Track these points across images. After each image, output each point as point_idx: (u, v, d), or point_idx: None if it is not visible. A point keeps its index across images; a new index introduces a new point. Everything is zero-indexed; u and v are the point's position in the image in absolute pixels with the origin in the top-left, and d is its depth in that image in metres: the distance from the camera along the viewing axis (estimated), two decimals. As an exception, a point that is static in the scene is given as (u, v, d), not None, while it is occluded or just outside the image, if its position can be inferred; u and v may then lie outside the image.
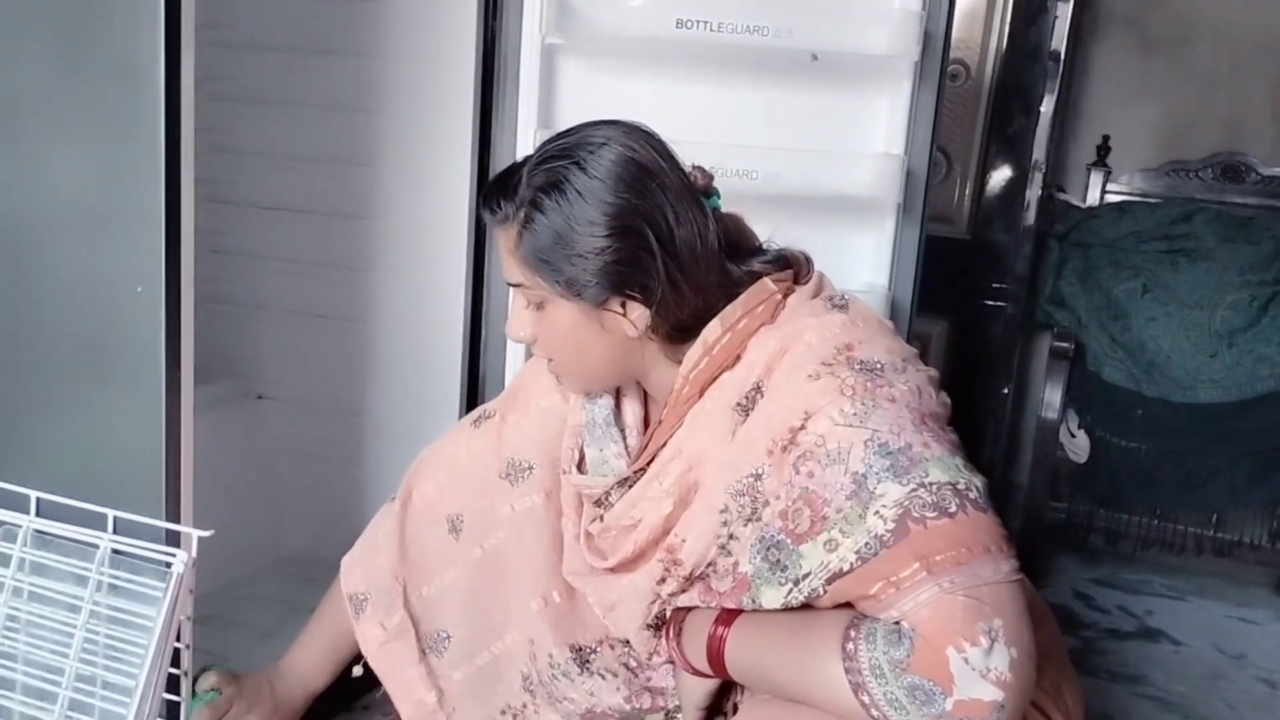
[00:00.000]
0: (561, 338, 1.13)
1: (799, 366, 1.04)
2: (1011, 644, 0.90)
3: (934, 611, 0.91)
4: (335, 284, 1.93)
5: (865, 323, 1.10)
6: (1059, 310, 2.74)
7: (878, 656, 0.92)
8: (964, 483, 0.97)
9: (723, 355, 1.09)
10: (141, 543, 1.23)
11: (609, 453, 1.22)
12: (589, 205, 1.04)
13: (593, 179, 1.05)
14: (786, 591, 1.01)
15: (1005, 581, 0.93)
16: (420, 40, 1.78)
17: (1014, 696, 0.89)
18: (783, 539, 1.01)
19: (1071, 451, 2.65)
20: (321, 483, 1.99)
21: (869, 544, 0.95)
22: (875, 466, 0.97)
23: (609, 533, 1.18)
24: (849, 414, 0.99)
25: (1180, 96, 2.89)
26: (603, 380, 1.19)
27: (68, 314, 1.26)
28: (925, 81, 1.66)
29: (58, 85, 1.22)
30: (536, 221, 1.06)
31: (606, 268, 1.06)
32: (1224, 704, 2.13)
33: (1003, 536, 0.97)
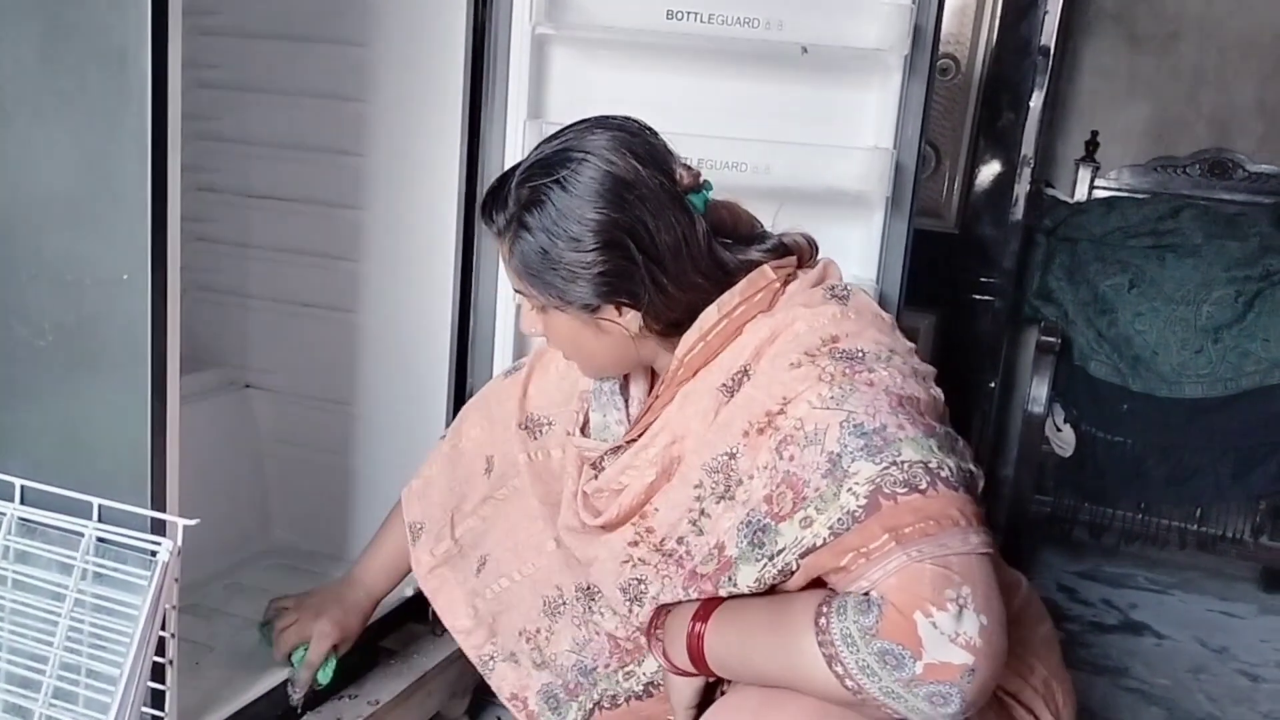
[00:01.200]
0: (564, 339, 1.20)
1: (783, 354, 1.07)
2: (981, 611, 0.91)
3: (901, 579, 0.93)
4: (323, 273, 1.92)
5: (858, 315, 1.11)
6: (1046, 305, 2.75)
7: (848, 625, 0.94)
8: (936, 462, 0.98)
9: (718, 340, 1.13)
10: (127, 531, 1.22)
11: (610, 419, 1.28)
12: (570, 222, 1.09)
13: (573, 196, 1.09)
14: (760, 567, 1.04)
15: (974, 553, 0.95)
16: (410, 29, 1.77)
17: (985, 661, 0.90)
18: (768, 522, 1.03)
19: (1057, 445, 2.67)
20: (308, 472, 1.99)
21: (841, 519, 0.97)
22: (850, 446, 0.99)
23: (601, 494, 1.23)
24: (826, 397, 1.02)
25: (1168, 93, 2.90)
26: (612, 369, 1.25)
27: (52, 301, 1.25)
28: (915, 75, 1.66)
29: (42, 71, 1.21)
30: (523, 239, 1.12)
31: (593, 280, 1.11)
32: (1206, 697, 2.15)
33: (974, 513, 0.98)
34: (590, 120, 1.16)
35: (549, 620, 1.35)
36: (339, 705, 1.56)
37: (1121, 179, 2.92)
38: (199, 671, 1.50)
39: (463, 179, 1.78)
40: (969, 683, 0.90)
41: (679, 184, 1.12)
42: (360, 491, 1.97)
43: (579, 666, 1.32)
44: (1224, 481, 2.57)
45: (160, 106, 1.16)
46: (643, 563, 1.16)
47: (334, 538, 1.98)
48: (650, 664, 1.25)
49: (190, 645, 1.49)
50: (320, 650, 1.46)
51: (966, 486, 1.00)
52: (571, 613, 1.34)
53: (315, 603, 1.51)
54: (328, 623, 1.47)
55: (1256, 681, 2.24)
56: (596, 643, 1.31)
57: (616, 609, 1.23)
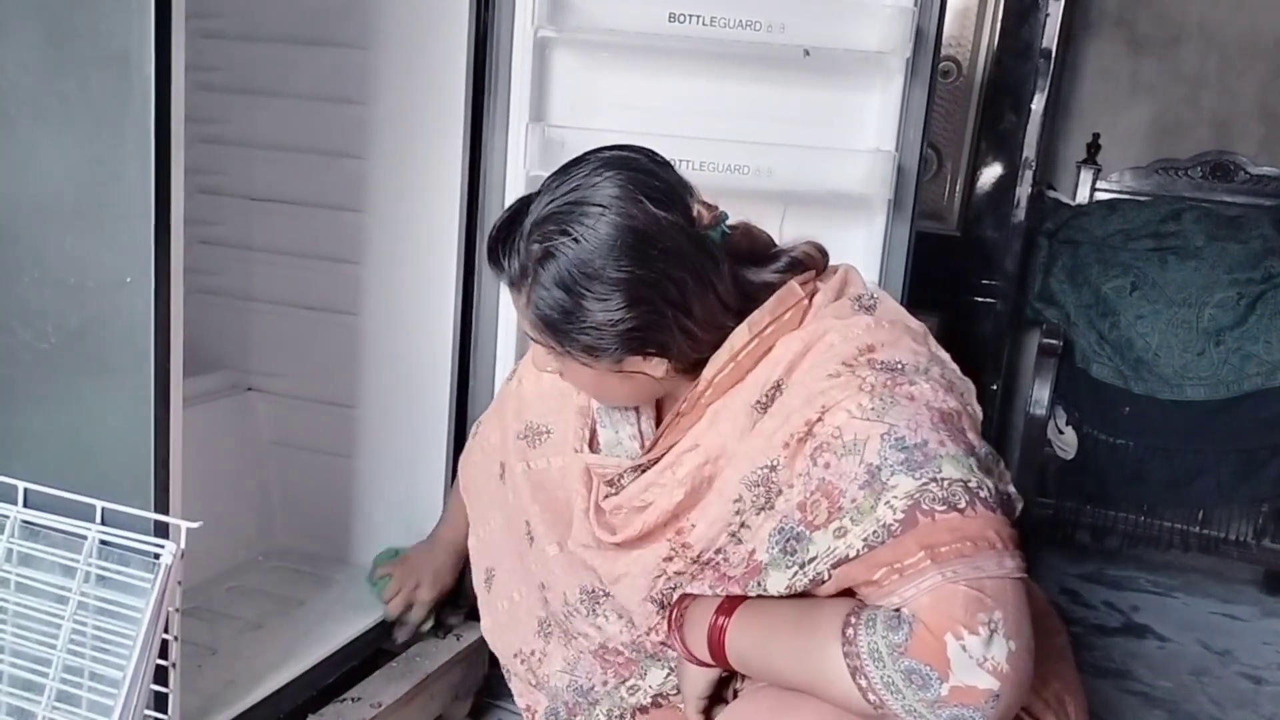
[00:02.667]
0: (584, 384, 1.17)
1: (820, 365, 1.06)
2: (1011, 637, 0.91)
3: (935, 599, 0.92)
4: (326, 276, 1.92)
5: (891, 324, 1.11)
6: (1048, 307, 2.75)
7: (876, 641, 0.93)
8: (976, 481, 0.98)
9: (749, 361, 1.10)
10: (130, 534, 1.22)
11: (624, 434, 1.24)
12: (592, 280, 1.04)
13: (593, 253, 1.03)
14: (792, 574, 1.03)
15: (1009, 577, 0.94)
16: (412, 32, 1.77)
17: (1010, 688, 0.90)
18: (801, 530, 1.02)
19: (1059, 448, 2.67)
20: (311, 475, 1.99)
21: (876, 532, 0.97)
22: (890, 459, 0.98)
23: (620, 511, 1.20)
24: (866, 408, 1.01)
25: (1170, 95, 2.90)
26: (633, 404, 1.22)
27: (56, 304, 1.26)
28: (917, 78, 1.66)
29: (46, 74, 1.21)
30: (541, 296, 1.07)
31: (621, 336, 1.07)
32: (1208, 699, 2.14)
33: (1010, 536, 0.98)
34: (599, 159, 1.09)
35: (543, 642, 1.35)
36: (342, 707, 1.56)
37: (1123, 181, 2.92)
38: (202, 674, 1.50)
39: (465, 182, 1.78)
40: (992, 708, 0.90)
41: (698, 223, 1.08)
42: (363, 494, 1.97)
43: (574, 687, 1.31)
44: (1226, 484, 2.57)
45: (163, 109, 1.16)
46: (678, 574, 1.14)
47: (337, 540, 1.98)
48: (655, 676, 1.25)
49: (193, 648, 1.49)
50: (421, 615, 1.66)
51: (1004, 508, 1.00)
52: (561, 629, 1.33)
53: (413, 569, 1.66)
54: (427, 589, 1.64)
55: (1259, 684, 2.24)
56: (585, 661, 1.31)
57: (640, 620, 1.21)
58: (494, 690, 1.85)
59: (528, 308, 1.10)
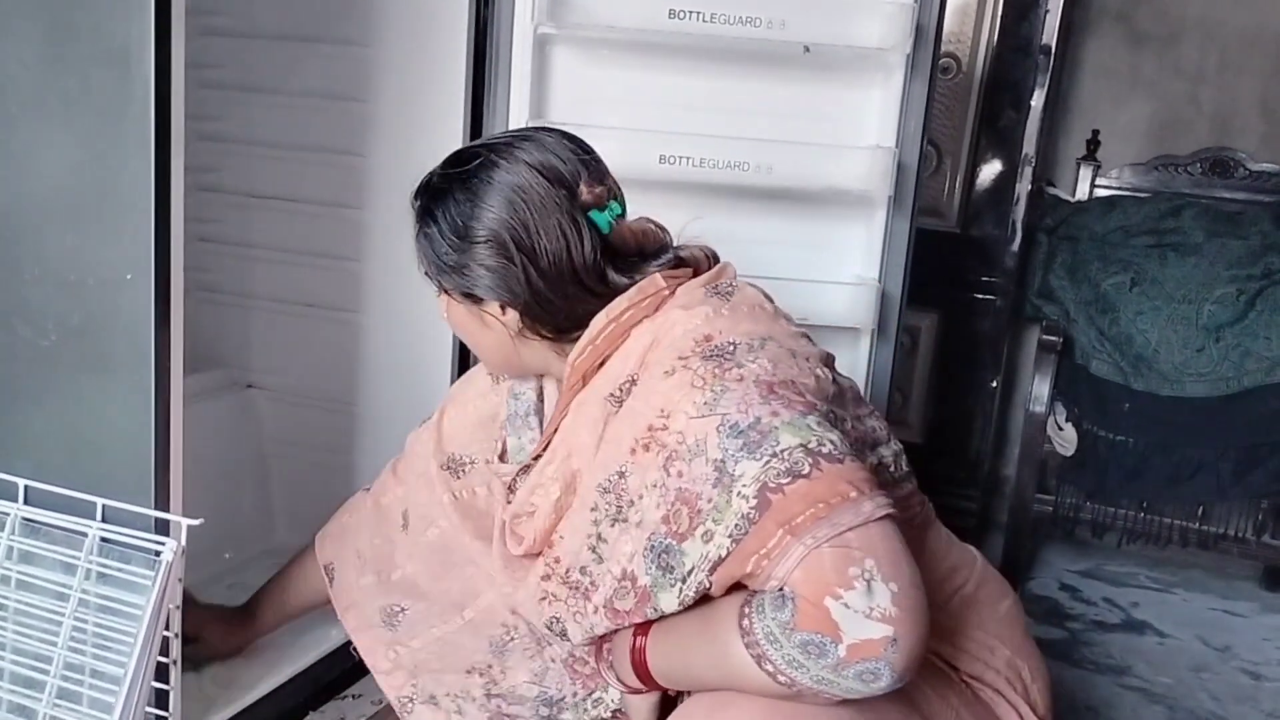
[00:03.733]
0: (459, 326, 1.24)
1: (660, 362, 1.08)
2: (889, 579, 0.91)
3: (805, 569, 0.93)
4: (326, 274, 1.93)
5: (733, 310, 1.12)
6: (1048, 304, 2.75)
7: (768, 623, 0.94)
8: (815, 440, 0.99)
9: (605, 344, 1.14)
10: (131, 531, 1.22)
11: (524, 439, 1.29)
12: (461, 222, 1.15)
13: (470, 194, 1.15)
14: (678, 592, 1.03)
15: (870, 521, 0.95)
16: (412, 29, 1.77)
17: (905, 629, 0.90)
18: (670, 543, 1.03)
19: (1059, 444, 2.67)
20: (311, 472, 1.99)
21: (738, 524, 0.97)
22: (730, 449, 0.99)
23: (520, 519, 1.21)
24: (700, 404, 1.02)
25: (1169, 91, 2.90)
26: (502, 367, 1.28)
27: (56, 302, 1.26)
28: (917, 74, 1.67)
29: (46, 72, 1.21)
30: (423, 227, 1.19)
31: (475, 273, 1.15)
32: (1208, 695, 2.14)
33: (862, 479, 0.98)
34: (530, 128, 1.23)
35: (498, 658, 1.35)
36: (342, 705, 1.56)
37: (1123, 178, 2.92)
38: (202, 671, 1.50)
39: (465, 179, 1.78)
40: (895, 653, 0.90)
41: (578, 199, 1.14)
42: (363, 491, 1.97)
43: (542, 698, 1.32)
44: (1226, 480, 2.57)
45: (163, 107, 1.17)
46: (555, 598, 1.16)
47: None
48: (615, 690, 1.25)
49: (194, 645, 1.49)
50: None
51: (855, 455, 1.00)
52: (523, 645, 1.33)
53: (206, 618, 1.51)
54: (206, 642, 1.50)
55: (1259, 680, 2.24)
56: (554, 670, 1.32)
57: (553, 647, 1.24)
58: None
59: (416, 240, 1.21)
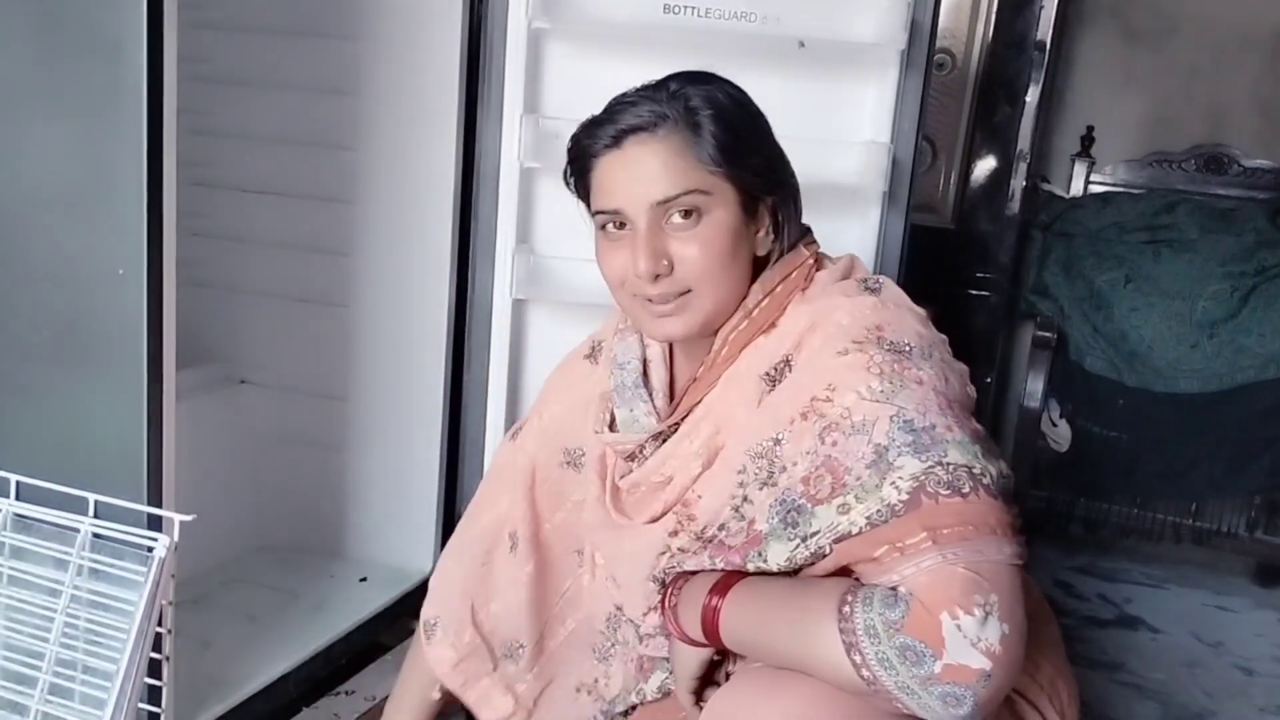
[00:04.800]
0: (720, 248, 1.10)
1: (829, 343, 1.07)
2: (1005, 620, 0.92)
3: (933, 579, 0.93)
4: (319, 268, 1.92)
5: (896, 306, 1.12)
6: (1042, 300, 2.75)
7: (873, 617, 0.94)
8: (980, 468, 0.99)
9: (762, 318, 1.13)
10: (123, 527, 1.22)
11: (639, 412, 1.23)
12: (747, 100, 1.14)
13: (744, 98, 1.15)
14: (793, 547, 1.04)
15: (1006, 562, 0.96)
16: (405, 23, 1.77)
17: (1001, 670, 0.91)
18: (803, 503, 1.03)
19: (1053, 440, 2.67)
20: (304, 468, 1.99)
21: (880, 511, 0.98)
22: (898, 440, 0.99)
23: (638, 489, 1.20)
24: (876, 390, 1.02)
25: (1164, 88, 2.90)
26: (727, 307, 1.15)
27: (48, 297, 1.25)
28: (912, 70, 1.66)
29: (38, 65, 1.21)
30: (722, 108, 1.11)
31: (771, 156, 1.16)
32: (1201, 691, 2.15)
33: (1009, 524, 0.99)
34: None
35: (604, 665, 1.34)
36: (335, 701, 1.56)
37: (1117, 174, 2.92)
38: (195, 667, 1.50)
39: (459, 174, 1.77)
40: (984, 687, 0.91)
41: None
42: (356, 486, 1.97)
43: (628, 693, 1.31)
44: (1219, 476, 2.58)
45: (156, 101, 1.16)
46: (682, 551, 1.15)
47: (329, 532, 1.98)
48: (655, 679, 1.25)
49: (186, 641, 1.49)
50: None
51: (1004, 495, 1.01)
52: (620, 650, 1.31)
53: None
54: None
55: (1251, 675, 2.24)
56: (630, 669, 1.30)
57: (641, 600, 1.20)
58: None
59: (698, 137, 1.09)
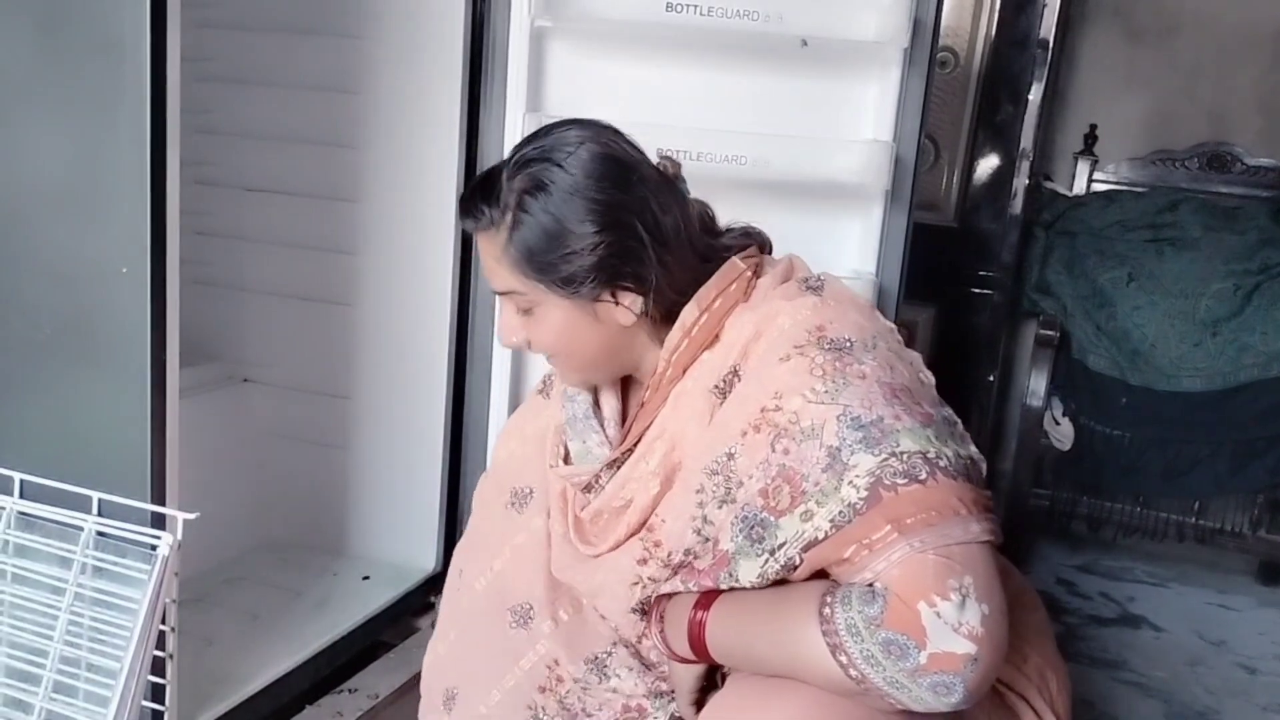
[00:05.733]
0: (555, 336, 1.14)
1: (772, 350, 1.07)
2: (983, 600, 0.92)
3: (905, 570, 0.93)
4: (322, 267, 1.92)
5: (837, 302, 1.12)
6: (1045, 298, 2.75)
7: (853, 616, 0.94)
8: (934, 451, 0.99)
9: (702, 335, 1.12)
10: (126, 525, 1.22)
11: (591, 443, 1.24)
12: (576, 202, 1.07)
13: (573, 176, 1.07)
14: (763, 562, 1.03)
15: (976, 541, 0.95)
16: (408, 22, 1.77)
17: (987, 650, 0.91)
18: (765, 516, 1.03)
19: (1056, 439, 2.67)
20: (307, 466, 1.99)
21: (842, 512, 0.98)
22: (848, 439, 0.99)
23: (600, 517, 1.19)
24: (820, 392, 1.02)
25: (1167, 86, 2.90)
26: (601, 371, 1.21)
27: (52, 295, 1.25)
28: (914, 68, 1.66)
29: (42, 64, 1.21)
30: (524, 223, 1.08)
31: (600, 262, 1.08)
32: (1204, 689, 2.15)
33: (974, 500, 0.98)
34: (563, 121, 1.14)
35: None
36: (339, 699, 1.56)
37: (1120, 172, 2.92)
38: (198, 665, 1.50)
39: (461, 172, 1.78)
40: (972, 671, 0.91)
41: (665, 172, 1.14)
42: (359, 484, 1.97)
43: None
44: (1222, 475, 2.58)
45: (159, 99, 1.16)
46: (653, 581, 1.14)
47: (332, 530, 1.98)
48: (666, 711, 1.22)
49: (189, 639, 1.49)
50: None
51: (967, 474, 1.01)
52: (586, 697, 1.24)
53: None
54: None
55: (1254, 674, 2.24)
56: None
57: (628, 633, 1.19)
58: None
59: (508, 247, 1.09)
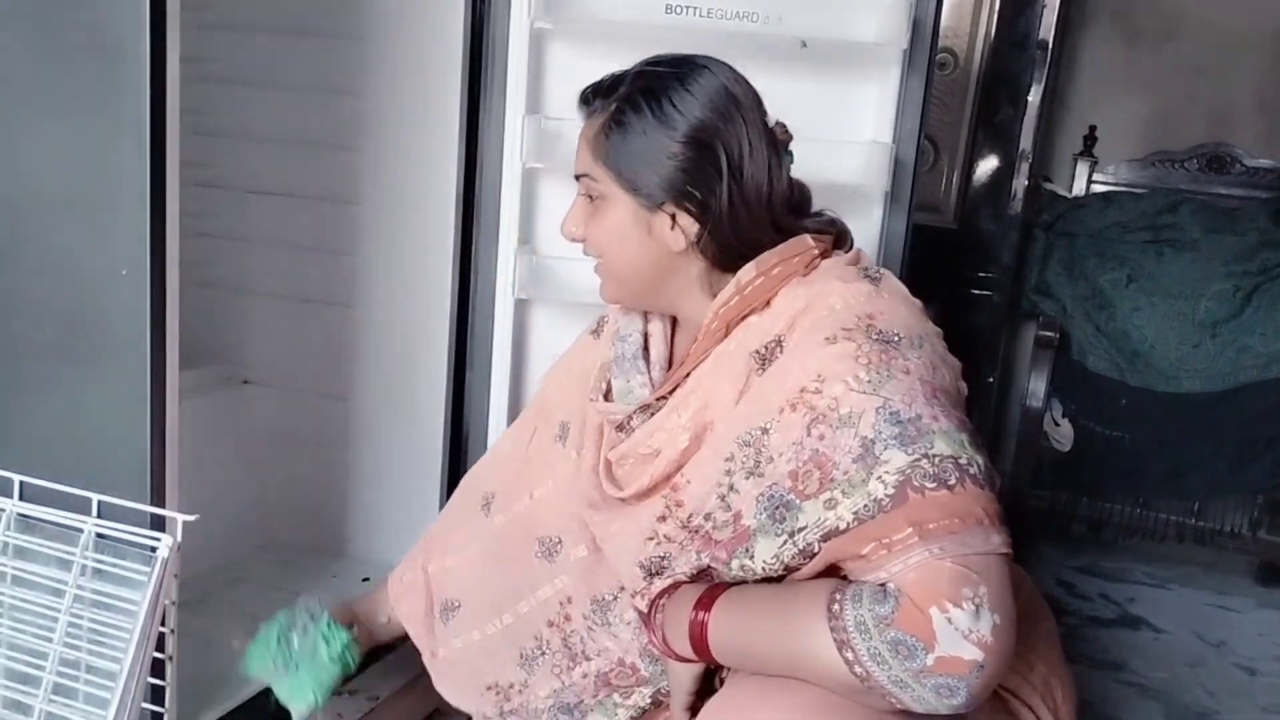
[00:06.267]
0: (608, 236, 1.17)
1: (819, 328, 1.07)
2: (995, 610, 0.92)
3: (921, 574, 0.94)
4: (322, 268, 1.92)
5: (891, 295, 1.12)
6: (1044, 300, 2.75)
7: (863, 613, 0.94)
8: (966, 458, 0.99)
9: (754, 296, 1.13)
10: (126, 527, 1.22)
11: (634, 383, 1.25)
12: (677, 114, 1.11)
13: (688, 93, 1.12)
14: (781, 543, 1.04)
15: (994, 553, 0.96)
16: (408, 23, 1.77)
17: (994, 659, 0.92)
18: (791, 498, 1.03)
19: (1055, 440, 2.67)
20: (307, 467, 1.99)
21: (867, 506, 0.98)
22: (884, 433, 0.99)
23: (627, 460, 1.21)
24: (863, 380, 1.01)
25: (1166, 88, 2.90)
26: (639, 290, 1.21)
27: (51, 297, 1.25)
28: (914, 70, 1.66)
29: (40, 65, 1.21)
30: (625, 115, 1.13)
31: (673, 173, 1.11)
32: (1204, 691, 2.15)
33: (996, 513, 0.99)
34: (699, 55, 1.18)
35: (525, 673, 1.34)
36: (338, 701, 1.56)
37: (1119, 174, 2.92)
38: (198, 667, 1.50)
39: (461, 174, 1.77)
40: (977, 678, 0.91)
41: (774, 131, 1.16)
42: (359, 485, 1.97)
43: (559, 705, 1.31)
44: (1222, 476, 2.58)
45: (159, 101, 1.16)
46: (668, 540, 1.14)
47: (333, 532, 1.98)
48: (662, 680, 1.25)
49: (189, 640, 1.49)
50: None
51: (992, 484, 1.01)
52: (552, 661, 1.32)
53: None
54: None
55: (1254, 675, 2.24)
56: (579, 685, 1.30)
57: (630, 585, 1.21)
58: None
59: (600, 131, 1.15)
